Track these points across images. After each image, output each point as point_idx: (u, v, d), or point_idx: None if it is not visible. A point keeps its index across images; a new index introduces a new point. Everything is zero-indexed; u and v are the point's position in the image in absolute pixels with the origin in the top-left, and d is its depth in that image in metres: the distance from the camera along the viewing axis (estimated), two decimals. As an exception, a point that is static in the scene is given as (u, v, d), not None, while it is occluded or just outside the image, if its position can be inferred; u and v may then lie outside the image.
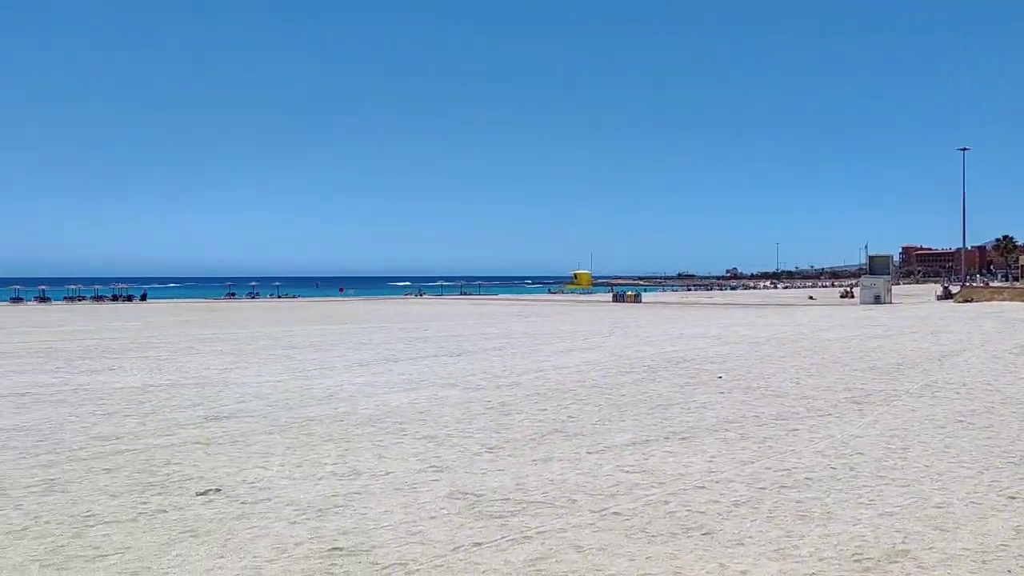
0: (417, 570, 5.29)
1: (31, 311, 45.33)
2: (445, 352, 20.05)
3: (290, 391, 13.57)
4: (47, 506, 6.92)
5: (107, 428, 10.46)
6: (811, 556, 5.62)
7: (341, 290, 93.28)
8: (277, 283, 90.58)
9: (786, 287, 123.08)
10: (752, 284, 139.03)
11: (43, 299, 71.51)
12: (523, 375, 15.31)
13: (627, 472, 7.69)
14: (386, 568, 5.34)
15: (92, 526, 6.32)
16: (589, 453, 8.49)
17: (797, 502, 6.78)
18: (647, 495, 6.90)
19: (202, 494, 7.12)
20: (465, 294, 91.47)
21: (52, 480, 7.79)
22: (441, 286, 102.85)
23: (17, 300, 69.88)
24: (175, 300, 77.05)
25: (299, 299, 77.93)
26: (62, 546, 5.93)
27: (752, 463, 8.04)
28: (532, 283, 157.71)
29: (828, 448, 8.64)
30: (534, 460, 8.20)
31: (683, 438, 9.21)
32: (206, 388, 14.07)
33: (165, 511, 6.65)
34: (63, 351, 21.57)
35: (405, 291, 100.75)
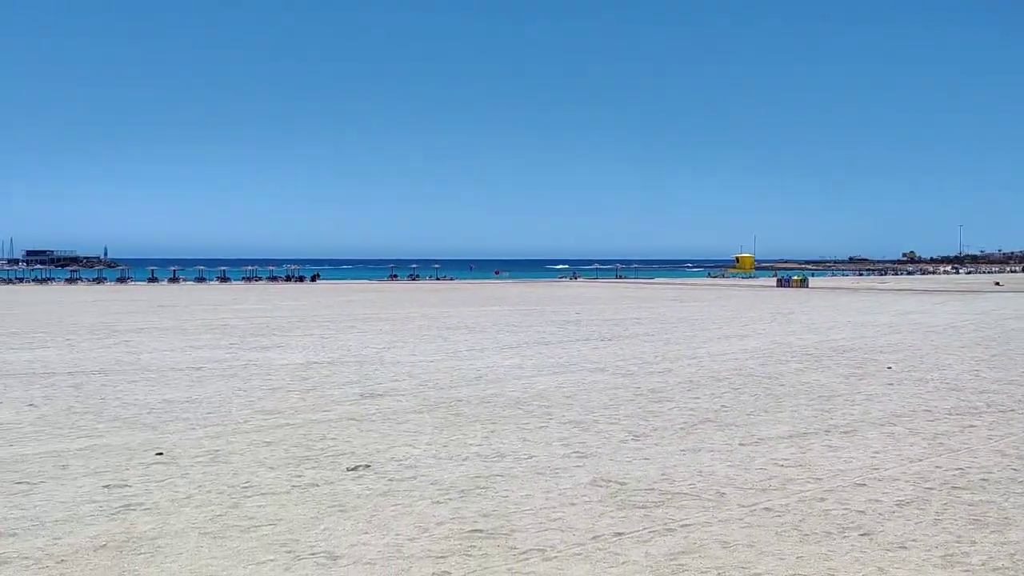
0: (555, 556, 5.20)
1: (210, 290, 49.72)
2: (596, 336, 19.90)
3: (441, 371, 13.76)
4: (210, 476, 7.17)
5: (270, 403, 10.81)
6: (983, 566, 5.22)
7: (497, 272, 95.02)
8: (436, 265, 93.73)
9: (969, 272, 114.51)
10: (931, 269, 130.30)
11: (224, 279, 77.93)
12: (676, 361, 14.95)
13: (781, 466, 7.36)
14: (524, 553, 5.28)
15: (249, 496, 6.53)
16: (742, 445, 8.18)
17: (970, 505, 6.42)
18: (802, 491, 6.59)
19: (352, 469, 7.24)
20: (621, 277, 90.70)
21: (217, 451, 8.11)
22: (596, 269, 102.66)
23: (201, 280, 76.52)
24: (341, 282, 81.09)
25: (455, 281, 79.71)
26: (220, 515, 6.17)
27: (920, 460, 7.58)
28: (692, 267, 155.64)
29: (1009, 447, 8.09)
30: (682, 450, 7.96)
31: (845, 432, 8.76)
32: (364, 366, 14.40)
33: (317, 485, 6.81)
34: (238, 328, 22.48)
35: (560, 274, 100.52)
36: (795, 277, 66.31)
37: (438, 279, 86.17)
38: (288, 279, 79.19)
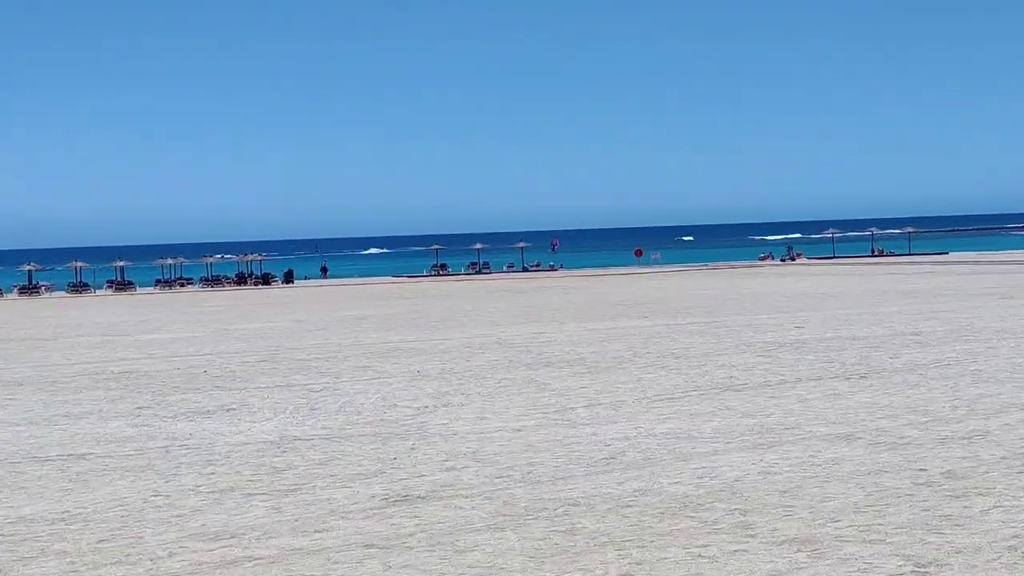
0: None
1: (104, 304, 46.97)
2: (836, 370, 19.57)
3: (537, 448, 13.36)
4: None
5: (216, 518, 10.51)
6: None
7: (638, 253, 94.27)
8: (522, 243, 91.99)
9: None
10: None
11: (122, 285, 67.61)
12: (994, 416, 14.32)
13: None
14: None
15: None
16: None
17: None
18: None
19: None
20: (883, 253, 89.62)
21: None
22: (832, 238, 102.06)
23: (80, 288, 70.70)
24: (348, 282, 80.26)
25: (551, 274, 79.31)
26: None
27: None
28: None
29: None
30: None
31: None
32: (389, 443, 14.08)
33: None
34: (151, 377, 22.30)
35: (760, 251, 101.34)
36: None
37: (526, 269, 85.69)
38: (243, 280, 75.40)
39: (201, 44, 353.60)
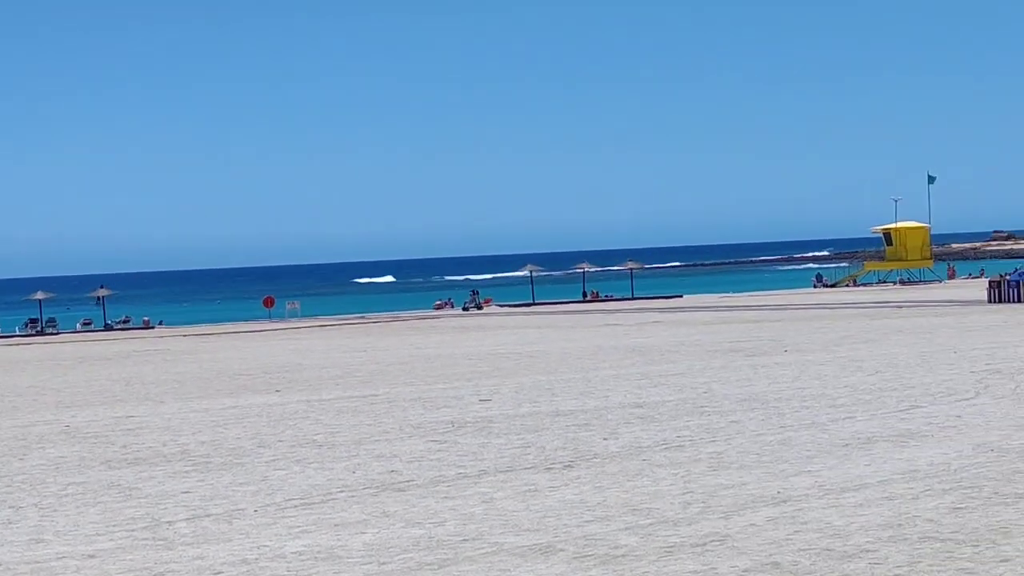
0: None
1: None
2: (536, 459, 20.09)
3: None
4: None
5: None
6: None
7: (269, 302, 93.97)
8: (104, 291, 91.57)
9: None
10: None
11: None
12: (749, 507, 15.34)
13: None
14: None
15: None
16: None
17: None
18: None
19: None
20: (596, 297, 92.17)
21: None
22: (531, 277, 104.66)
23: None
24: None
25: (184, 330, 78.93)
26: None
27: None
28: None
29: None
30: None
31: None
32: None
33: None
34: None
35: (436, 298, 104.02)
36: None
37: (109, 327, 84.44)
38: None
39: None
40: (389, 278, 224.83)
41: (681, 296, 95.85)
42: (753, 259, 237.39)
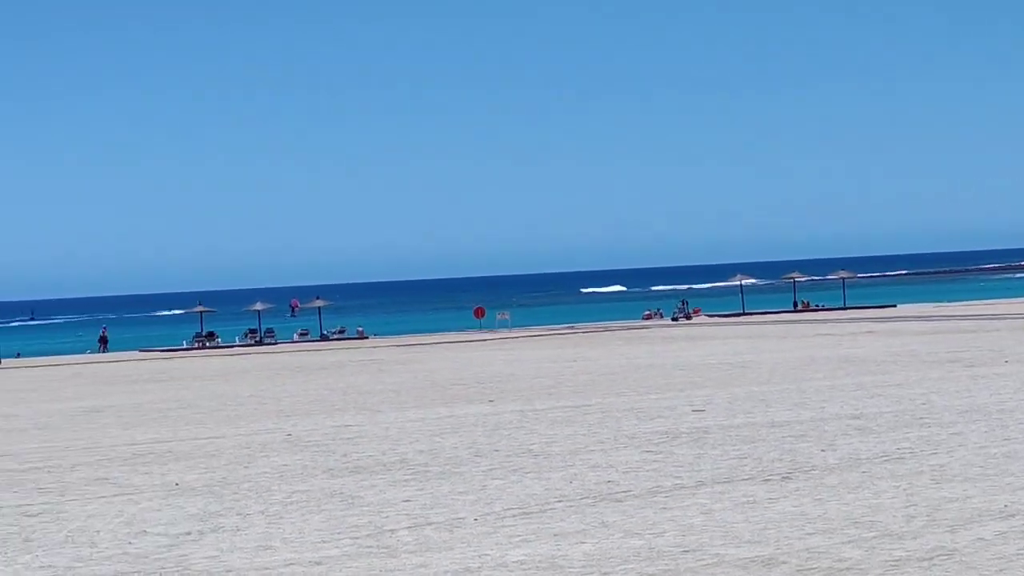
0: None
1: None
2: (753, 470, 20.10)
3: None
4: None
5: None
6: None
7: (479, 313, 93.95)
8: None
9: None
10: None
11: None
12: (976, 521, 14.89)
13: None
14: None
15: None
16: None
17: None
18: None
19: None
20: (807, 307, 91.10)
21: None
22: (741, 287, 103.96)
23: None
24: (68, 359, 79.21)
25: (395, 340, 79.11)
26: None
27: None
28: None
29: None
30: None
31: None
32: None
33: None
34: None
35: (645, 308, 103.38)
36: None
37: (325, 337, 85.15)
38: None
39: None
40: (618, 287, 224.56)
41: (895, 306, 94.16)
42: (969, 267, 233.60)
